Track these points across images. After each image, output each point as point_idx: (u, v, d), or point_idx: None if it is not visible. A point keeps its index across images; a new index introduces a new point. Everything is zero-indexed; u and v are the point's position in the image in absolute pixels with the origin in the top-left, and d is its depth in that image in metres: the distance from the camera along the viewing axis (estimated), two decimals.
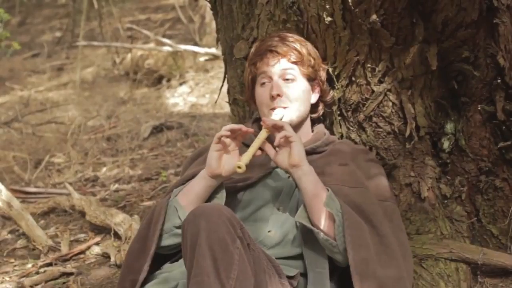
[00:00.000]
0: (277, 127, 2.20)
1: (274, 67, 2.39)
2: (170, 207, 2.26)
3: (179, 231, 2.21)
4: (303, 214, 2.19)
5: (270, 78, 2.39)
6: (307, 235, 2.21)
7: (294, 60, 2.39)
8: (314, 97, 2.49)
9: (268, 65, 2.39)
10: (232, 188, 2.35)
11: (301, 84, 2.41)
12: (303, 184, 2.18)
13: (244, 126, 2.22)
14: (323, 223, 2.15)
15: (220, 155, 2.22)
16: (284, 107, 2.36)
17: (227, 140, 2.22)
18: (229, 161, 2.22)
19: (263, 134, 2.21)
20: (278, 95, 2.35)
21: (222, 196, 2.27)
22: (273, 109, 2.36)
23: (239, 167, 2.09)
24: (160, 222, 2.23)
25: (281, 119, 2.31)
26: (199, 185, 2.25)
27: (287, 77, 2.38)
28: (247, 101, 2.58)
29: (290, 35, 2.44)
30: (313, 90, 2.47)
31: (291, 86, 2.38)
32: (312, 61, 2.43)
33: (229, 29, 2.94)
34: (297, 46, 2.40)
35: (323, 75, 2.50)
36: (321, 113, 2.56)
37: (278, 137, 2.18)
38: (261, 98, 2.41)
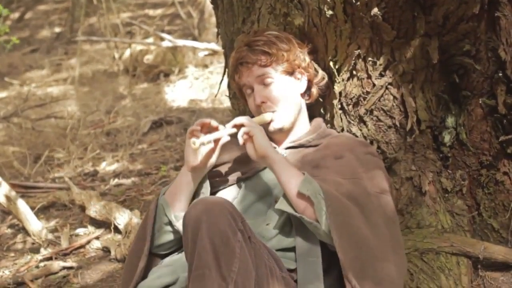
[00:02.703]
0: (237, 126, 2.26)
1: (249, 77, 2.41)
2: (159, 206, 2.32)
3: (169, 228, 2.29)
4: (283, 201, 2.21)
5: (251, 87, 2.42)
6: (299, 224, 2.21)
7: (265, 64, 2.39)
8: (302, 86, 2.47)
9: (244, 77, 2.42)
10: (229, 182, 2.38)
11: (281, 82, 2.41)
12: (275, 172, 2.22)
13: (213, 120, 2.29)
14: (302, 207, 2.16)
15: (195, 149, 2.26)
16: (273, 111, 2.40)
17: (200, 135, 2.27)
18: (205, 153, 2.29)
19: (229, 129, 2.28)
20: (263, 102, 2.40)
21: (206, 190, 2.34)
22: None
23: (193, 143, 2.21)
24: (150, 222, 2.30)
25: (271, 120, 2.38)
26: (182, 181, 2.32)
27: (266, 81, 2.40)
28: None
29: (257, 38, 2.42)
30: (299, 79, 2.46)
31: (272, 89, 2.40)
32: (285, 55, 2.40)
33: (229, 23, 2.93)
34: (265, 48, 2.39)
35: (304, 59, 2.46)
36: (315, 97, 2.54)
37: (240, 136, 2.24)
38: (252, 108, 2.47)
